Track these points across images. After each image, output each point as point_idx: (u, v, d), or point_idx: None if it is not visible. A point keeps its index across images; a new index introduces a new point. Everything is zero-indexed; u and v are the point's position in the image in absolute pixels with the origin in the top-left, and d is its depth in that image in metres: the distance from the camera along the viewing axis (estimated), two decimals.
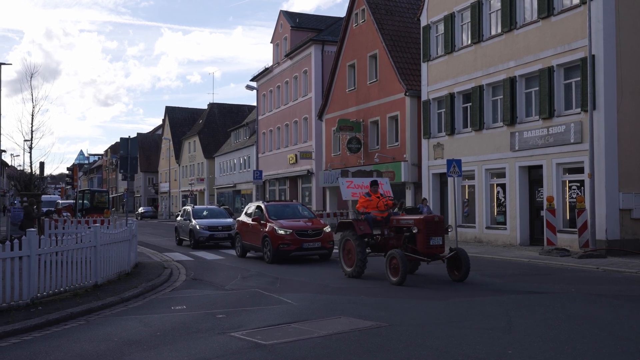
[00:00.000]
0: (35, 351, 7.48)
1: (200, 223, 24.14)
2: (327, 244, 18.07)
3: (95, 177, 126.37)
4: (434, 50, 26.87)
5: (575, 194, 19.86)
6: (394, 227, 13.80)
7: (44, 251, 10.45)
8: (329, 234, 18.20)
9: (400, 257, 12.43)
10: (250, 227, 19.32)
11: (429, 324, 8.70)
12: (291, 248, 17.52)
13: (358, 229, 13.85)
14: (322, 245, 17.90)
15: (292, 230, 17.66)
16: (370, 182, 15.06)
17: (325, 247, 18.01)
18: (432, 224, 12.96)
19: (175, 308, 10.43)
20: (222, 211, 27.17)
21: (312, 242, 17.76)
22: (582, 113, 19.27)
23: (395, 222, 13.74)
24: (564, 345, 7.30)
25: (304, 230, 17.91)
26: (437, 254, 13.04)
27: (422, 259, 13.09)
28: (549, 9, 20.56)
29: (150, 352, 7.30)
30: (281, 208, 19.65)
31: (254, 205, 20.28)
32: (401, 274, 12.39)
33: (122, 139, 23.72)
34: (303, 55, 41.19)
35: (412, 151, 28.38)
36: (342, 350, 7.17)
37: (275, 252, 17.56)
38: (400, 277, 12.43)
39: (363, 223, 13.96)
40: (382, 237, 14.04)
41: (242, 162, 56.31)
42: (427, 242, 12.80)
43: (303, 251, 17.76)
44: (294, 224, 18.16)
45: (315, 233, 17.97)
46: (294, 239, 17.55)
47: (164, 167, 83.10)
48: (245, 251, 20.06)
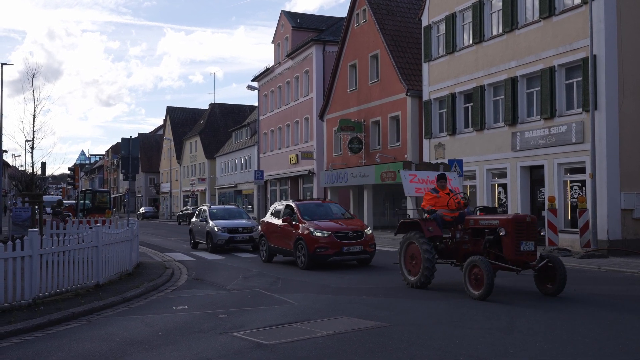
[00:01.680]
0: (37, 351, 7.49)
1: (219, 225, 22.05)
2: (369, 247, 16.21)
3: (96, 177, 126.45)
4: (435, 50, 26.87)
5: (577, 194, 19.85)
6: (470, 228, 11.73)
7: (46, 251, 10.46)
8: (371, 236, 16.47)
9: (485, 265, 10.39)
10: (278, 228, 17.61)
11: (431, 324, 8.70)
12: (329, 252, 15.74)
13: (426, 230, 11.82)
14: (363, 248, 16.04)
15: (330, 232, 15.86)
16: (437, 176, 12.99)
17: (367, 250, 16.15)
18: (523, 225, 10.80)
19: (177, 308, 10.44)
20: (241, 211, 25.11)
21: (353, 245, 15.88)
22: (583, 113, 19.26)
23: (473, 223, 11.66)
24: (566, 345, 7.30)
25: (343, 232, 16.05)
26: (528, 262, 10.85)
27: (510, 267, 10.89)
28: (550, 8, 20.55)
29: (152, 352, 7.30)
30: (314, 207, 17.81)
31: (282, 205, 18.51)
32: (486, 286, 10.33)
33: (123, 139, 23.71)
34: (304, 56, 41.19)
35: (414, 151, 28.37)
36: (343, 350, 7.17)
37: (312, 257, 15.78)
38: (485, 290, 10.35)
39: (432, 223, 11.93)
40: (453, 241, 12.09)
41: (243, 162, 56.32)
42: (517, 248, 10.66)
43: (343, 256, 15.94)
44: (332, 225, 16.31)
45: (356, 235, 16.07)
46: (332, 241, 15.73)
47: (165, 167, 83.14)
48: (272, 255, 18.25)
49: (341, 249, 15.81)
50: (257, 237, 21.26)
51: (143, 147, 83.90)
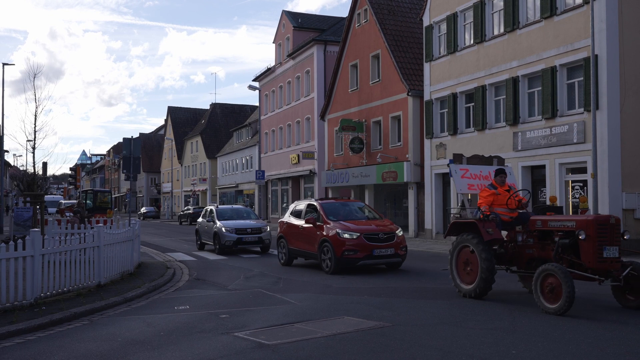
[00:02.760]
0: (39, 351, 7.49)
1: (226, 225, 21.18)
2: (401, 250, 15.12)
3: (97, 177, 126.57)
4: (437, 50, 26.86)
5: (578, 194, 19.85)
6: (536, 230, 10.32)
7: (48, 251, 10.46)
8: (402, 238, 15.34)
9: (564, 274, 8.93)
10: (300, 230, 16.57)
11: (433, 324, 8.69)
12: (359, 256, 14.61)
13: (485, 232, 10.41)
14: (395, 251, 14.94)
15: (359, 233, 14.75)
16: (495, 171, 11.44)
17: (398, 254, 15.05)
18: (606, 227, 9.44)
19: (178, 308, 10.43)
20: (249, 211, 24.20)
21: (384, 248, 14.76)
22: (585, 113, 19.25)
23: (540, 225, 10.17)
24: (568, 345, 7.29)
25: (373, 233, 14.89)
26: (611, 270, 9.42)
27: (590, 277, 9.40)
28: (552, 8, 20.54)
29: (153, 352, 7.30)
30: (339, 207, 16.75)
31: (304, 204, 17.38)
32: (565, 299, 8.88)
33: (124, 139, 23.75)
34: (305, 56, 41.19)
35: (415, 151, 28.37)
36: (345, 351, 7.17)
37: (339, 261, 14.68)
38: (564, 303, 8.92)
39: (491, 225, 10.50)
40: (514, 245, 10.74)
41: (244, 162, 56.33)
42: (599, 254, 9.30)
43: (373, 259, 14.81)
44: (361, 225, 15.24)
45: (387, 237, 14.93)
46: (362, 244, 14.63)
47: (166, 167, 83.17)
48: (292, 258, 17.28)
49: (372, 252, 14.66)
50: (266, 238, 21.16)
51: (144, 147, 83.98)
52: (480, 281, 10.46)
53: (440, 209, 26.39)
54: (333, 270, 14.77)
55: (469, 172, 12.25)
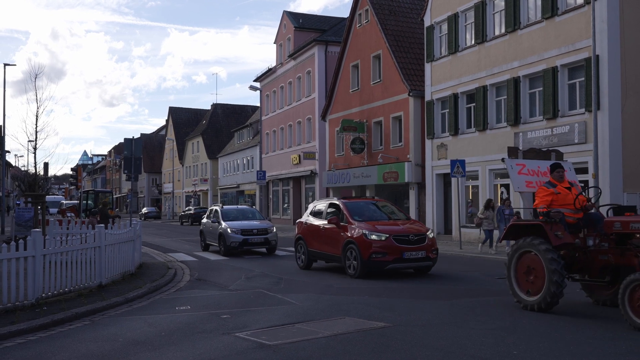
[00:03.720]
0: (40, 351, 7.50)
1: (232, 226, 20.64)
2: (432, 254, 14.11)
3: (99, 178, 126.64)
4: (438, 50, 26.85)
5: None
6: (613, 233, 8.98)
7: (49, 251, 10.47)
8: (433, 240, 14.35)
9: None
10: (322, 230, 15.59)
11: (434, 324, 8.69)
12: (388, 259, 13.62)
13: (553, 236, 9.14)
14: (426, 254, 13.96)
15: (388, 234, 13.76)
16: (551, 166, 10.13)
17: (429, 257, 14.04)
18: None
19: (179, 308, 10.44)
20: (254, 212, 23.62)
21: (415, 250, 13.76)
22: (586, 113, 19.24)
23: (620, 227, 8.78)
24: (570, 345, 7.29)
25: (403, 234, 13.90)
26: None
27: None
28: (553, 9, 20.53)
29: (155, 353, 7.30)
30: (364, 206, 15.82)
31: (325, 203, 16.43)
32: None
33: (126, 139, 23.75)
34: (306, 56, 41.20)
35: (416, 151, 28.37)
36: (346, 351, 7.17)
37: (366, 264, 13.71)
38: None
39: (559, 227, 9.22)
40: (585, 250, 9.36)
41: (245, 163, 56.34)
42: None
43: (403, 262, 13.81)
44: (389, 226, 14.29)
45: (417, 239, 13.93)
46: (391, 246, 13.64)
47: (167, 167, 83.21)
48: (312, 261, 16.30)
49: (401, 254, 13.64)
50: (273, 239, 20.71)
51: (145, 147, 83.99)
52: (548, 292, 9.11)
53: (442, 210, 26.37)
54: (359, 274, 13.81)
55: (526, 167, 10.90)
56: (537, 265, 9.33)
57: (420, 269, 14.49)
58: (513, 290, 9.88)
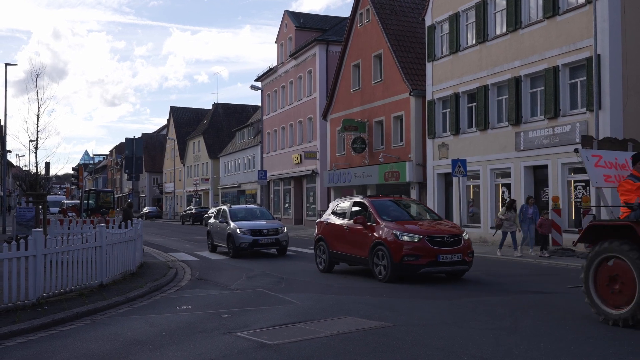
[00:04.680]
0: (41, 351, 7.50)
1: (241, 226, 19.90)
2: (468, 257, 13.12)
3: (100, 177, 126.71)
4: (439, 50, 26.84)
5: (581, 194, 19.82)
6: None
7: (50, 251, 10.47)
8: (469, 242, 13.35)
9: None
10: (346, 231, 14.62)
11: (435, 324, 8.69)
12: (421, 262, 12.66)
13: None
14: (462, 257, 12.97)
15: (421, 235, 12.80)
16: (633, 157, 9.00)
17: (465, 260, 13.07)
18: None
19: (180, 308, 10.44)
20: (264, 211, 22.78)
21: (451, 253, 12.78)
22: (587, 113, 19.22)
23: None
24: (571, 345, 7.28)
25: (438, 236, 12.93)
26: None
27: None
28: (554, 8, 20.51)
29: (155, 352, 7.31)
30: (392, 205, 14.82)
31: (348, 202, 15.46)
32: None
33: (127, 139, 23.75)
34: (307, 56, 41.20)
35: (417, 151, 28.36)
36: (347, 351, 7.17)
37: (397, 268, 12.79)
38: None
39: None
40: None
41: (246, 162, 56.37)
42: None
43: (438, 266, 12.82)
44: (422, 227, 13.35)
45: (453, 240, 12.94)
46: (425, 248, 12.68)
47: (168, 167, 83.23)
48: (333, 264, 15.36)
49: (436, 257, 12.68)
50: (284, 239, 20.11)
51: (147, 147, 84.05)
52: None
53: (443, 209, 26.33)
54: (389, 277, 12.90)
55: (603, 159, 9.62)
56: (624, 272, 8.09)
57: (454, 274, 13.51)
58: (592, 301, 8.62)
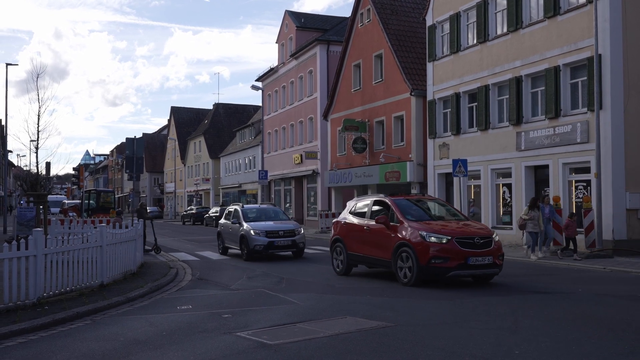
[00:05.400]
0: (42, 350, 7.50)
1: (255, 227, 18.84)
2: (498, 260, 12.33)
3: (101, 177, 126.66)
4: (440, 49, 26.82)
5: (582, 194, 19.79)
6: None
7: (51, 251, 10.47)
8: (499, 244, 12.56)
9: None
10: (366, 231, 13.85)
11: (435, 323, 8.68)
12: (450, 264, 11.90)
13: None
14: (492, 260, 12.16)
15: (450, 236, 12.06)
16: None
17: (496, 263, 12.27)
18: None
19: (181, 308, 10.44)
20: (278, 211, 21.62)
21: (481, 255, 11.99)
22: (588, 112, 19.19)
23: None
24: (571, 345, 7.27)
25: (467, 237, 12.18)
26: None
27: None
28: (555, 8, 20.49)
29: (156, 352, 7.30)
30: (415, 204, 14.08)
31: (368, 200, 14.66)
32: None
33: (127, 139, 23.78)
34: (308, 55, 41.19)
35: (418, 151, 28.35)
36: (348, 351, 7.16)
37: (424, 271, 12.06)
38: None
39: None
40: None
41: (247, 162, 56.37)
42: None
43: (468, 269, 12.04)
44: (450, 228, 12.58)
45: (483, 242, 12.16)
46: (454, 250, 11.92)
47: (169, 167, 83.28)
48: (351, 266, 14.61)
49: (466, 260, 11.89)
50: (301, 241, 19.09)
51: (147, 147, 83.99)
52: None
53: None
54: (414, 281, 12.19)
55: None
56: None
57: (483, 277, 12.74)
58: None
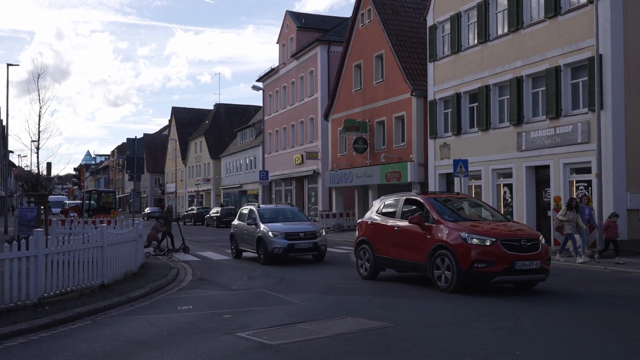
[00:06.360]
0: (42, 351, 7.50)
1: (274, 229, 17.75)
2: (546, 264, 11.39)
3: (102, 178, 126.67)
4: (440, 50, 26.82)
5: (583, 194, 19.77)
6: None
7: (51, 251, 10.47)
8: (546, 248, 11.58)
9: None
10: (397, 232, 12.89)
11: (436, 324, 8.67)
12: (495, 269, 10.93)
13: None
14: (540, 265, 11.20)
15: (495, 238, 11.09)
16: None
17: (544, 268, 11.32)
18: None
19: (181, 308, 10.44)
20: (295, 211, 20.26)
21: (529, 260, 11.00)
22: (589, 113, 19.19)
23: None
24: (572, 345, 7.26)
25: (514, 239, 11.21)
26: None
27: None
28: (556, 8, 20.48)
29: (156, 352, 7.30)
30: (451, 203, 13.31)
31: (399, 200, 13.60)
32: None
33: (128, 139, 23.81)
34: (309, 56, 41.19)
35: (419, 151, 28.34)
36: (348, 351, 7.16)
37: (465, 276, 11.12)
38: None
39: None
40: None
41: (248, 163, 56.38)
42: None
43: (514, 274, 11.05)
44: (493, 229, 11.58)
45: (530, 245, 11.19)
46: (499, 253, 10.95)
47: (170, 167, 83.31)
48: (379, 270, 13.75)
49: (512, 264, 10.91)
50: (322, 243, 18.03)
51: (148, 147, 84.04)
52: None
53: None
54: (454, 287, 11.22)
55: None
56: None
57: (526, 284, 11.80)
58: None
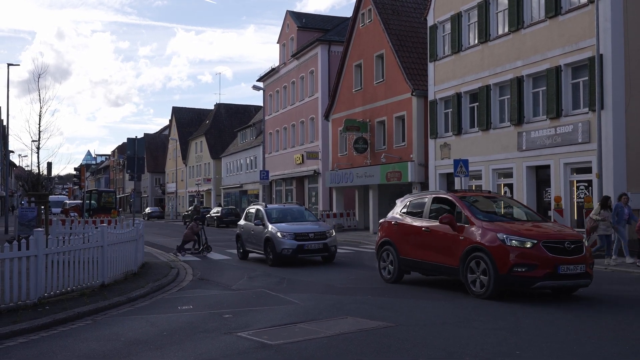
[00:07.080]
0: (42, 351, 7.50)
1: (282, 229, 17.25)
2: (589, 268, 10.50)
3: (102, 178, 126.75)
4: (441, 50, 26.81)
5: (583, 194, 19.77)
6: None
7: (51, 251, 10.48)
8: (589, 250, 10.81)
9: None
10: (424, 233, 12.08)
11: (436, 324, 8.67)
12: (537, 274, 10.07)
13: None
14: (585, 270, 10.34)
15: (536, 240, 10.24)
16: None
17: (588, 273, 10.44)
18: None
19: (181, 308, 10.44)
20: (303, 211, 19.67)
21: (572, 263, 10.16)
22: (589, 113, 19.18)
23: None
24: (572, 345, 7.26)
25: (557, 241, 10.34)
26: None
27: None
28: (557, 8, 20.47)
29: (156, 352, 7.30)
30: (483, 202, 12.58)
31: (426, 198, 12.78)
32: None
33: (129, 139, 23.83)
34: (309, 56, 41.18)
35: (419, 151, 28.33)
36: (348, 351, 7.16)
37: (504, 280, 10.28)
38: None
39: None
40: None
41: (248, 163, 56.38)
42: None
43: (558, 280, 10.19)
44: (533, 229, 10.76)
45: (574, 248, 10.32)
46: (541, 256, 10.08)
47: (171, 167, 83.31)
48: (403, 273, 13.01)
49: (556, 268, 10.05)
50: (332, 244, 17.51)
51: (149, 147, 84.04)
52: None
53: None
54: (491, 292, 10.39)
55: None
56: None
57: (567, 290, 10.95)
58: None
